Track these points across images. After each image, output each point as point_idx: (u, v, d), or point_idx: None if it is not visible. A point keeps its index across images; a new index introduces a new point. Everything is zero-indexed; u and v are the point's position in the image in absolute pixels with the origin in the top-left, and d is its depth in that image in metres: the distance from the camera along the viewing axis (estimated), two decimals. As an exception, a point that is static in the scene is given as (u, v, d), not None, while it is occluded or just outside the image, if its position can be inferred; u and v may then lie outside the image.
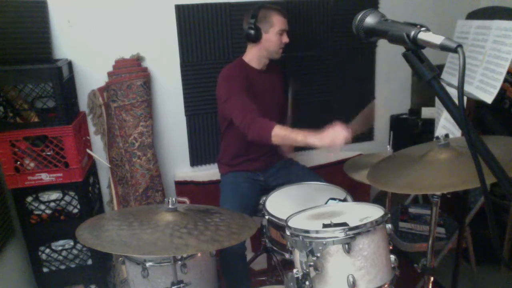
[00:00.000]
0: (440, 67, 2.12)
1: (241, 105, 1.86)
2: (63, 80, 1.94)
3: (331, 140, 1.54)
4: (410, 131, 2.70)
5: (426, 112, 2.64)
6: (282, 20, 1.97)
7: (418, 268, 1.65)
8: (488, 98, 1.57)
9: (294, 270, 1.23)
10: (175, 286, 1.37)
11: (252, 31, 1.96)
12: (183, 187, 2.46)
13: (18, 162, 1.94)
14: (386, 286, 1.22)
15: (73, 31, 2.14)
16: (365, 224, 1.19)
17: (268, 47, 2.00)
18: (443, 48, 0.76)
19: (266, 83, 2.10)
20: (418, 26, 0.81)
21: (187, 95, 2.40)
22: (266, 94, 2.08)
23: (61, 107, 1.93)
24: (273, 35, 1.97)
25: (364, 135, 2.84)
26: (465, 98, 1.64)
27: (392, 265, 1.27)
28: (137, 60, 2.26)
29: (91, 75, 2.22)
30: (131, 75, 2.20)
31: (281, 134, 1.72)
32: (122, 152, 2.26)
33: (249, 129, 1.81)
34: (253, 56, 2.05)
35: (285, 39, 2.00)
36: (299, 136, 1.66)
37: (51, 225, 2.05)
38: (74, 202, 2.07)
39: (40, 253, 2.08)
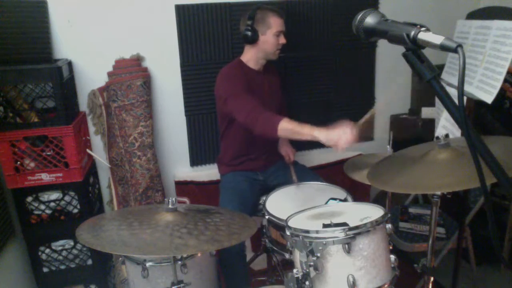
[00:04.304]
0: (440, 67, 2.12)
1: (244, 102, 1.84)
2: (63, 80, 1.94)
3: (338, 139, 1.54)
4: (410, 131, 2.70)
5: (426, 112, 2.64)
6: (279, 22, 1.97)
7: (418, 268, 1.65)
8: (488, 98, 1.57)
9: (294, 270, 1.23)
10: (175, 286, 1.37)
11: (249, 33, 1.95)
12: (183, 187, 2.46)
13: (18, 162, 1.94)
14: (386, 286, 1.22)
15: (73, 31, 2.14)
16: (365, 224, 1.19)
17: (265, 49, 2.00)
18: (443, 48, 0.76)
19: (264, 84, 2.10)
20: (418, 26, 0.81)
21: (187, 95, 2.40)
22: (264, 95, 2.08)
23: (61, 107, 1.93)
24: (271, 36, 1.96)
25: (364, 135, 2.85)
26: (465, 98, 1.64)
27: (392, 265, 1.27)
28: (137, 60, 2.26)
29: (91, 75, 2.22)
30: (131, 75, 2.20)
31: (288, 127, 1.70)
32: (122, 152, 2.26)
33: (256, 124, 1.77)
34: (251, 57, 2.05)
35: (282, 40, 2.00)
36: (305, 130, 1.66)
37: (51, 225, 2.05)
38: (74, 202, 2.07)
39: (40, 253, 2.08)
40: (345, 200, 1.73)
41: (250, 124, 1.80)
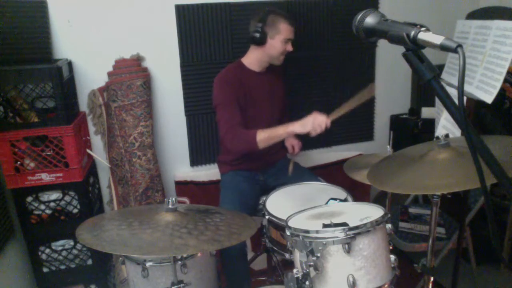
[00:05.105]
0: (440, 67, 2.12)
1: (226, 117, 1.91)
2: (63, 80, 1.94)
3: (312, 124, 1.73)
4: (410, 131, 2.70)
5: (426, 112, 2.64)
6: (289, 29, 1.97)
7: (418, 268, 1.65)
8: (488, 98, 1.57)
9: (294, 270, 1.23)
10: (175, 286, 1.37)
11: (258, 34, 1.95)
12: (183, 187, 2.46)
13: (18, 162, 1.94)
14: (386, 286, 1.22)
15: (73, 31, 2.14)
16: (365, 224, 1.19)
17: (270, 53, 2.00)
18: (443, 48, 0.76)
19: (265, 85, 2.10)
20: (418, 26, 0.81)
21: (187, 95, 2.40)
22: (264, 96, 2.08)
23: (61, 107, 1.93)
24: (278, 42, 1.96)
25: (364, 134, 2.85)
26: (465, 98, 1.64)
27: (392, 265, 1.27)
28: (137, 60, 2.26)
29: (91, 75, 2.22)
30: (131, 75, 2.20)
31: (265, 136, 1.83)
32: (122, 152, 2.26)
33: (232, 144, 1.89)
34: (254, 59, 2.05)
35: (289, 48, 2.00)
36: (280, 130, 1.82)
37: (51, 225, 2.05)
38: (74, 202, 2.07)
39: (40, 253, 2.08)
40: (345, 200, 1.73)
41: (226, 143, 1.92)
